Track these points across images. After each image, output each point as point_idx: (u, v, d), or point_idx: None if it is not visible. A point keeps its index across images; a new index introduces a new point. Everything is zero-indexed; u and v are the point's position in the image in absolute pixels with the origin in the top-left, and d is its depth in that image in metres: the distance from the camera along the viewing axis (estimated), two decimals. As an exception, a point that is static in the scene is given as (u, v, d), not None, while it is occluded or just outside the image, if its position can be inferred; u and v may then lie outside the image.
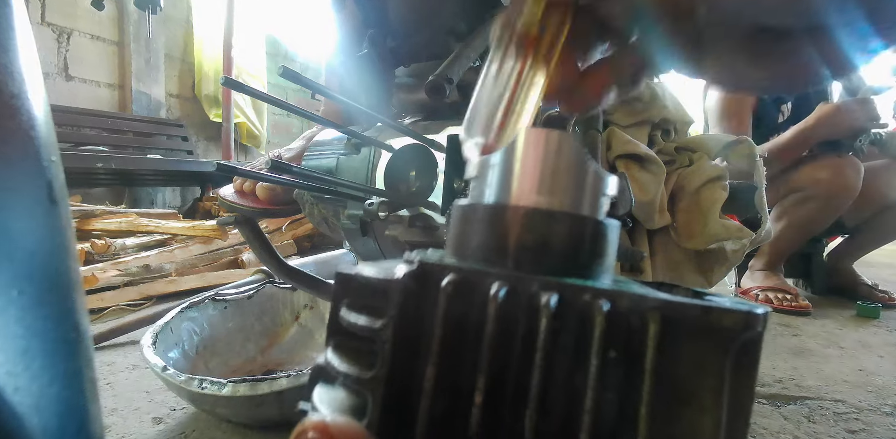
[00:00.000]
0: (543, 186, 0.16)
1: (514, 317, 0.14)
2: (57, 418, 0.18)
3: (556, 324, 0.13)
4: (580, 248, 0.16)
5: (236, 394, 0.54)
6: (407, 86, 0.55)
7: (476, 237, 0.16)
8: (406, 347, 0.14)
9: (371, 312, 0.15)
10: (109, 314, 1.12)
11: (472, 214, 0.17)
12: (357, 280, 0.16)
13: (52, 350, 0.18)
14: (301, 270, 0.67)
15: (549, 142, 0.16)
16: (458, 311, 0.14)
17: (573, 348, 0.13)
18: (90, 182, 2.28)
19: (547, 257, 0.15)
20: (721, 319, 0.12)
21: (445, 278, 0.14)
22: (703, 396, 0.12)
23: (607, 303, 0.13)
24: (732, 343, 0.12)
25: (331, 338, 0.17)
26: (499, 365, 0.13)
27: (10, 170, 0.17)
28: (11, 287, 0.17)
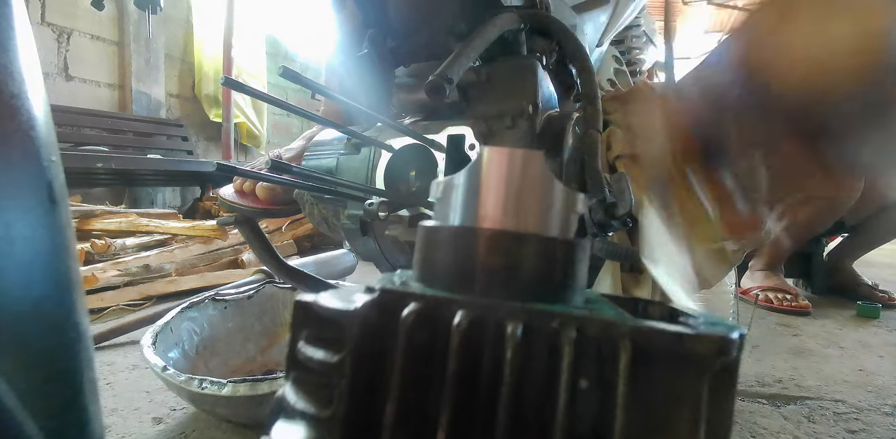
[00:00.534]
0: (509, 207, 0.15)
1: (479, 347, 0.13)
2: (57, 418, 0.18)
3: (522, 355, 0.12)
4: (550, 271, 0.15)
5: (236, 394, 0.54)
6: (407, 86, 0.55)
7: (441, 261, 0.16)
8: (365, 383, 0.13)
9: (330, 345, 0.14)
10: (109, 314, 1.12)
11: (437, 237, 0.16)
12: (315, 309, 0.15)
13: (52, 350, 0.18)
14: (301, 270, 0.67)
15: (514, 162, 0.16)
16: (421, 342, 0.13)
17: (543, 378, 0.13)
18: (90, 182, 2.28)
19: (515, 281, 0.15)
20: (694, 346, 0.12)
21: (406, 308, 0.13)
22: (679, 426, 0.12)
23: (575, 332, 0.12)
24: (707, 369, 0.12)
25: (290, 372, 0.16)
26: (464, 400, 0.13)
27: (10, 170, 0.17)
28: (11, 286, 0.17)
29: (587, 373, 0.12)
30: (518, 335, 0.12)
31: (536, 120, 0.46)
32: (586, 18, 0.70)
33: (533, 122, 0.46)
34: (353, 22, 0.57)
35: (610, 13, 0.74)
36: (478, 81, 0.50)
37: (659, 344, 0.12)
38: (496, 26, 0.46)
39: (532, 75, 0.48)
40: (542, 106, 0.47)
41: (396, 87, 0.56)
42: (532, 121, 0.46)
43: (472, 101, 0.51)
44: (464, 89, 0.51)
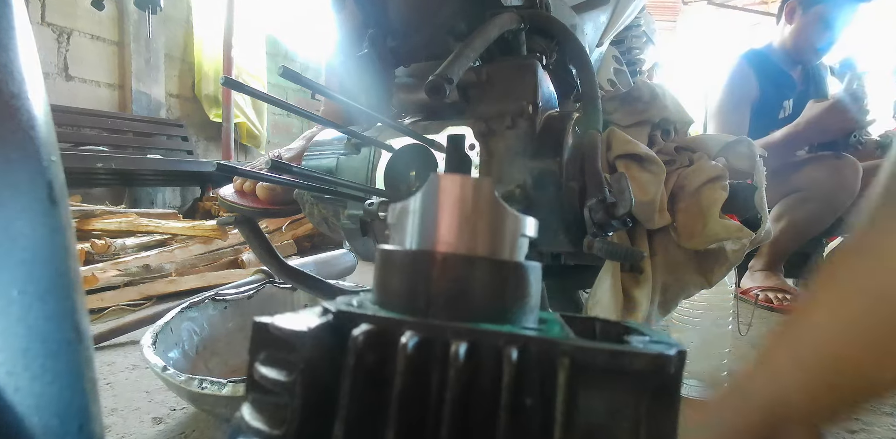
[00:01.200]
0: (461, 232, 0.16)
1: (426, 367, 0.13)
2: (57, 418, 0.18)
3: (467, 375, 0.13)
4: (500, 292, 0.15)
5: (236, 394, 0.54)
6: (407, 86, 0.55)
7: (395, 283, 0.16)
8: (315, 402, 0.14)
9: (284, 365, 0.15)
10: (109, 314, 1.12)
11: (391, 260, 0.16)
12: (270, 330, 0.16)
13: (53, 350, 0.18)
14: (301, 270, 0.67)
15: (465, 189, 0.16)
16: (371, 363, 0.13)
17: (489, 397, 0.13)
18: (90, 182, 2.28)
19: (465, 303, 0.15)
20: (632, 363, 0.12)
21: (356, 329, 0.13)
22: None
23: (515, 351, 0.13)
24: (645, 385, 0.12)
25: (248, 393, 0.16)
26: (411, 420, 0.13)
27: (10, 170, 0.17)
28: (12, 287, 0.17)
29: (531, 392, 0.12)
30: (462, 354, 0.13)
31: (536, 120, 0.46)
32: (586, 18, 0.70)
33: (533, 122, 0.46)
34: (353, 22, 0.57)
35: (610, 13, 0.74)
36: (478, 81, 0.50)
37: (597, 361, 0.12)
38: (496, 26, 0.46)
39: (532, 75, 0.48)
40: (542, 106, 0.47)
41: (396, 87, 0.56)
42: (532, 121, 0.46)
43: (472, 101, 0.51)
44: (464, 89, 0.51)
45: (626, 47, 0.94)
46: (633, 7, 0.78)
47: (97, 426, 0.20)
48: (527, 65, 0.49)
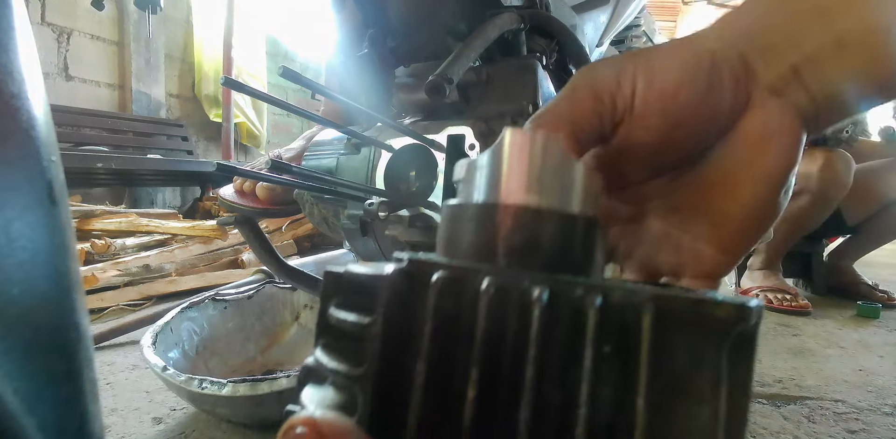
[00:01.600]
0: (532, 185, 0.16)
1: (504, 313, 0.13)
2: (57, 418, 0.18)
3: (548, 318, 0.13)
4: (570, 246, 0.16)
5: (236, 394, 0.54)
6: (407, 86, 0.55)
7: (465, 236, 0.16)
8: (396, 343, 0.14)
9: (360, 310, 0.15)
10: (109, 314, 1.12)
11: (462, 214, 0.17)
12: (346, 277, 0.16)
13: (52, 350, 0.18)
14: (301, 270, 0.67)
15: (535, 143, 0.16)
16: (449, 307, 0.14)
17: (566, 343, 0.13)
18: (90, 182, 2.28)
19: (536, 255, 0.15)
20: (714, 311, 0.12)
21: (436, 274, 0.14)
22: (701, 388, 0.12)
23: (599, 297, 0.13)
24: (726, 335, 0.12)
25: (319, 338, 0.17)
26: (491, 361, 0.13)
27: (10, 170, 0.17)
28: (12, 286, 0.17)
29: (609, 339, 0.13)
30: (544, 298, 0.13)
31: (536, 120, 0.46)
32: (586, 18, 0.70)
33: (533, 122, 0.45)
34: (353, 22, 0.57)
35: (610, 13, 0.74)
36: (478, 81, 0.50)
37: (681, 309, 0.12)
38: (496, 26, 0.46)
39: (532, 75, 0.48)
40: (542, 106, 0.47)
41: (396, 87, 0.56)
42: (532, 121, 0.45)
43: (472, 101, 0.51)
44: (464, 89, 0.51)
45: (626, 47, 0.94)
46: (633, 7, 0.78)
47: (97, 426, 0.20)
48: (527, 65, 0.49)
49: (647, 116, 0.20)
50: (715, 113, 0.20)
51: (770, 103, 0.20)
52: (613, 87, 0.21)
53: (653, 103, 0.20)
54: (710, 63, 0.20)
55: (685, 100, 0.20)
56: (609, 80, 0.21)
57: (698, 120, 0.20)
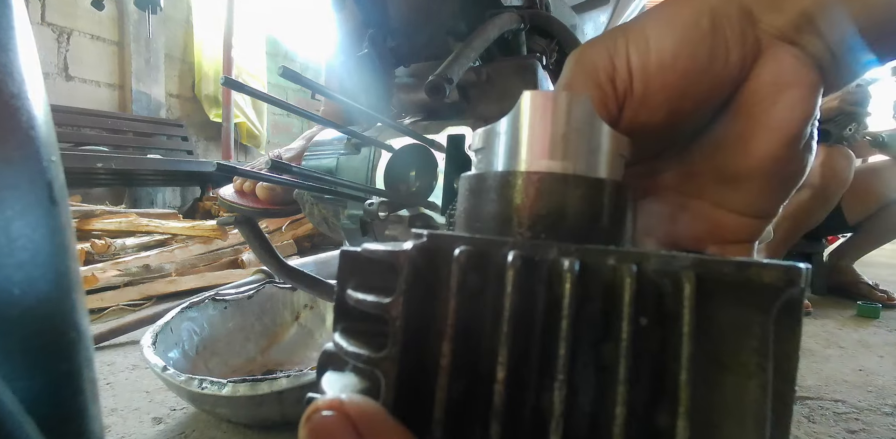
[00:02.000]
0: (556, 150, 0.15)
1: (533, 286, 0.12)
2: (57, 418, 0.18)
3: (580, 291, 0.12)
4: (599, 213, 0.15)
5: (236, 394, 0.54)
6: (407, 86, 0.55)
7: (487, 208, 0.15)
8: (418, 324, 0.13)
9: (379, 291, 0.14)
10: (109, 314, 1.12)
11: (481, 184, 0.16)
12: (363, 256, 0.15)
13: (52, 350, 0.18)
14: (301, 270, 0.67)
15: (558, 105, 0.15)
16: (473, 283, 0.13)
17: (600, 317, 0.12)
18: (90, 182, 2.28)
19: (564, 224, 0.14)
20: (761, 275, 0.11)
21: (457, 248, 0.13)
22: (747, 360, 0.11)
23: (635, 266, 0.12)
24: (774, 301, 0.11)
25: (338, 322, 0.16)
26: (520, 339, 0.12)
27: (10, 170, 0.17)
28: (12, 286, 0.17)
29: (647, 310, 0.12)
30: (576, 269, 0.12)
31: (536, 120, 0.46)
32: (586, 18, 0.70)
33: (533, 122, 0.45)
34: (353, 22, 0.57)
35: (610, 13, 0.74)
36: (478, 81, 0.50)
37: (723, 274, 0.11)
38: (496, 26, 0.46)
39: (532, 75, 0.48)
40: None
41: (396, 87, 0.56)
42: (532, 121, 0.45)
43: (472, 101, 0.51)
44: (464, 89, 0.51)
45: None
46: (633, 7, 0.78)
47: (96, 426, 0.20)
48: (527, 65, 0.49)
49: (648, 95, 0.19)
50: (722, 74, 0.19)
51: (782, 52, 0.19)
52: (609, 69, 0.19)
53: (652, 80, 0.19)
54: (709, 22, 0.19)
55: (687, 68, 0.19)
56: (603, 62, 0.19)
57: (705, 86, 0.19)
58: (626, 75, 0.19)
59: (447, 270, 0.13)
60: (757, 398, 0.11)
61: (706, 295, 0.11)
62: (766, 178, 0.20)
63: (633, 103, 0.19)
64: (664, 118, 0.19)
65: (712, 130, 0.21)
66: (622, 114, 0.20)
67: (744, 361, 0.11)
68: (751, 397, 0.11)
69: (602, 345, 0.12)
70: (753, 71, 0.19)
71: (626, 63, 0.19)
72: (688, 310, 0.11)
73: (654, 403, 0.12)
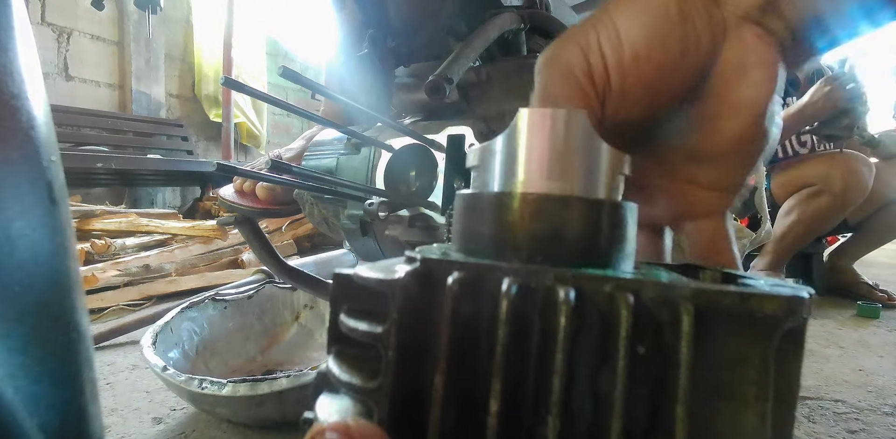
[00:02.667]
0: (553, 170, 0.15)
1: (528, 315, 0.12)
2: (57, 418, 0.18)
3: (576, 321, 0.12)
4: (598, 235, 0.14)
5: (236, 394, 0.54)
6: (407, 86, 0.55)
7: (482, 229, 0.15)
8: (411, 354, 0.13)
9: (372, 317, 0.14)
10: (109, 314, 1.12)
11: (477, 204, 0.15)
12: (355, 281, 0.15)
13: (52, 350, 0.18)
14: (301, 270, 0.67)
15: (556, 122, 0.15)
16: (467, 311, 0.13)
17: (596, 346, 0.12)
18: (90, 182, 2.28)
19: (561, 247, 0.14)
20: (762, 306, 0.11)
21: (451, 276, 0.13)
22: (746, 390, 0.11)
23: (631, 295, 0.12)
24: (775, 331, 0.11)
25: (332, 345, 0.16)
26: (515, 369, 0.12)
27: (10, 170, 0.17)
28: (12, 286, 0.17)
29: (644, 339, 0.12)
30: (571, 299, 0.12)
31: (536, 120, 0.46)
32: (586, 18, 0.70)
33: (533, 122, 0.45)
34: (353, 22, 0.57)
35: (610, 13, 0.74)
36: (478, 81, 0.50)
37: (723, 305, 0.11)
38: (496, 26, 0.46)
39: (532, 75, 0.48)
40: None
41: (396, 87, 0.56)
42: (532, 121, 0.45)
43: (472, 101, 0.51)
44: (464, 89, 0.51)
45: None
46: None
47: (96, 426, 0.20)
48: (527, 65, 0.49)
49: (626, 89, 0.19)
50: (695, 61, 0.19)
51: (746, 32, 0.19)
52: (585, 67, 0.19)
53: (629, 74, 0.19)
54: (677, 10, 0.19)
55: (661, 60, 0.19)
56: (578, 60, 0.19)
57: (680, 74, 0.19)
58: (603, 71, 0.19)
59: (441, 297, 0.13)
60: (755, 427, 0.11)
61: (705, 325, 0.11)
62: (735, 155, 0.20)
63: (612, 99, 0.19)
64: (644, 110, 0.20)
65: (683, 112, 0.21)
66: (604, 111, 0.20)
67: (743, 392, 0.11)
68: (749, 427, 0.11)
69: (599, 374, 0.12)
70: (722, 49, 0.20)
71: (600, 59, 0.19)
72: (685, 344, 0.11)
73: (650, 432, 0.11)
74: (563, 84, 0.19)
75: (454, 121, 0.49)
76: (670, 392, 0.11)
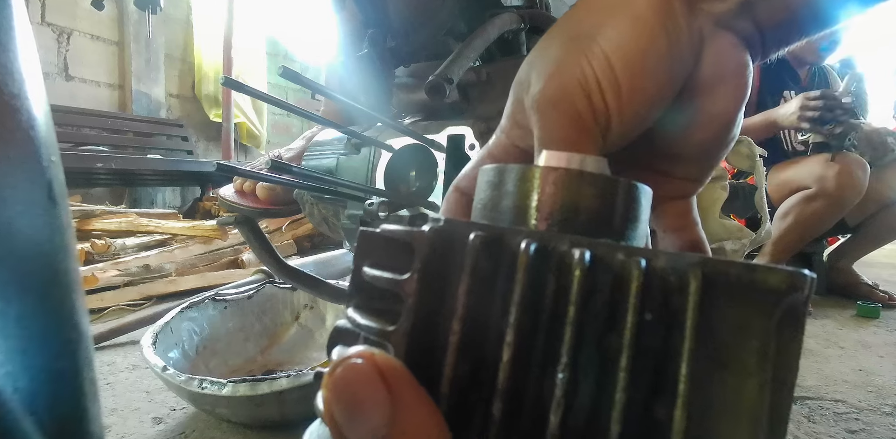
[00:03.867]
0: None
1: (543, 275, 0.13)
2: (56, 418, 0.18)
3: (589, 281, 0.12)
4: (612, 211, 0.15)
5: (236, 394, 0.54)
6: (407, 86, 0.55)
7: (503, 200, 0.16)
8: (431, 303, 0.13)
9: (395, 270, 0.15)
10: (109, 314, 1.12)
11: (500, 177, 0.16)
12: (381, 235, 0.15)
13: (52, 350, 0.18)
14: (301, 270, 0.67)
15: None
16: (485, 268, 0.13)
17: (606, 309, 0.12)
18: (90, 182, 2.28)
19: (577, 220, 0.15)
20: (766, 278, 0.11)
21: (472, 233, 0.13)
22: (747, 359, 0.11)
23: (644, 261, 0.12)
24: (778, 304, 0.11)
25: (352, 298, 0.16)
26: (527, 324, 0.13)
27: (9, 170, 0.17)
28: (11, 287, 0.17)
29: (653, 306, 0.12)
30: (586, 260, 0.12)
31: (536, 120, 0.46)
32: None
33: (533, 122, 0.46)
34: (353, 22, 0.57)
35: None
36: (478, 81, 0.50)
37: (730, 274, 0.12)
38: (496, 26, 0.46)
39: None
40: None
41: (396, 87, 0.56)
42: (532, 121, 0.46)
43: (472, 101, 0.51)
44: (464, 89, 0.51)
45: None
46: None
47: (96, 426, 0.20)
48: (527, 65, 0.49)
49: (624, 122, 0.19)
50: (680, 78, 0.20)
51: (720, 41, 0.20)
52: (588, 109, 0.19)
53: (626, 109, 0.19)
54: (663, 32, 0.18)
55: (653, 89, 0.19)
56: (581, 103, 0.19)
57: (669, 93, 0.20)
58: (604, 109, 0.19)
59: (461, 255, 0.13)
60: (754, 397, 0.11)
61: (712, 293, 0.12)
62: (705, 156, 0.22)
63: (611, 132, 0.20)
64: (638, 129, 0.21)
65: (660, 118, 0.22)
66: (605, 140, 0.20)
67: (744, 360, 0.11)
68: (748, 396, 0.11)
69: (606, 338, 0.12)
70: (700, 58, 0.20)
71: (601, 97, 0.19)
72: (692, 306, 0.11)
73: (653, 397, 0.12)
74: (572, 130, 0.19)
75: (454, 121, 0.49)
76: (675, 354, 0.11)
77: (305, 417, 0.64)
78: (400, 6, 0.54)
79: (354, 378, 0.12)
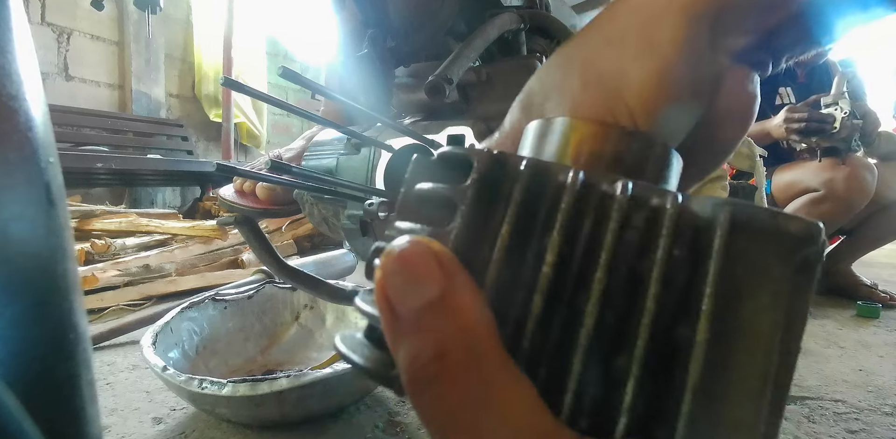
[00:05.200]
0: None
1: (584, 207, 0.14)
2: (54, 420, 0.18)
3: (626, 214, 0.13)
4: (647, 167, 0.17)
5: (236, 394, 0.54)
6: (407, 86, 0.55)
7: (549, 148, 0.17)
8: (483, 213, 0.14)
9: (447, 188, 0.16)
10: (109, 314, 1.12)
11: (546, 129, 0.18)
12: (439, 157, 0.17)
13: (50, 351, 0.18)
14: (301, 270, 0.67)
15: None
16: (534, 192, 0.14)
17: (640, 241, 0.13)
18: (90, 182, 2.28)
19: (617, 169, 0.16)
20: (788, 224, 0.12)
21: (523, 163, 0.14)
22: (763, 296, 0.12)
23: (680, 197, 0.13)
24: (796, 250, 0.12)
25: (400, 214, 0.17)
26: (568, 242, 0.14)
27: (8, 171, 0.17)
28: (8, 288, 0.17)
29: (683, 243, 0.13)
30: (630, 191, 0.13)
31: (536, 120, 0.46)
32: (586, 18, 0.70)
33: (533, 122, 0.46)
34: (353, 22, 0.57)
35: (610, 13, 0.74)
36: (478, 81, 0.50)
37: (756, 217, 0.13)
38: (496, 26, 0.46)
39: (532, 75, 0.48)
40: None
41: (396, 87, 0.56)
42: (532, 122, 0.46)
43: (472, 101, 0.51)
44: (464, 89, 0.50)
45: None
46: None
47: (94, 428, 0.20)
48: (527, 65, 0.49)
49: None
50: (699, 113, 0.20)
51: (737, 77, 0.20)
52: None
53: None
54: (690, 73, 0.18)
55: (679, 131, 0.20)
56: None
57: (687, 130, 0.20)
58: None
59: (511, 180, 0.14)
60: (768, 332, 0.12)
61: (738, 234, 0.13)
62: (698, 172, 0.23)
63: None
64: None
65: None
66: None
67: (761, 297, 0.12)
68: (763, 330, 0.12)
69: (639, 266, 0.13)
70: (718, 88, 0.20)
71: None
72: (718, 246, 0.13)
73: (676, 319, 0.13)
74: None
75: (454, 121, 0.49)
76: (700, 288, 0.12)
77: (306, 417, 0.64)
78: (400, 6, 0.54)
79: (415, 254, 0.13)
